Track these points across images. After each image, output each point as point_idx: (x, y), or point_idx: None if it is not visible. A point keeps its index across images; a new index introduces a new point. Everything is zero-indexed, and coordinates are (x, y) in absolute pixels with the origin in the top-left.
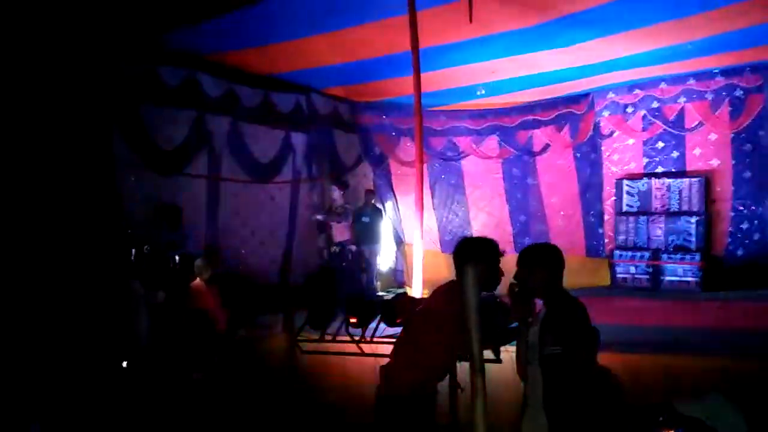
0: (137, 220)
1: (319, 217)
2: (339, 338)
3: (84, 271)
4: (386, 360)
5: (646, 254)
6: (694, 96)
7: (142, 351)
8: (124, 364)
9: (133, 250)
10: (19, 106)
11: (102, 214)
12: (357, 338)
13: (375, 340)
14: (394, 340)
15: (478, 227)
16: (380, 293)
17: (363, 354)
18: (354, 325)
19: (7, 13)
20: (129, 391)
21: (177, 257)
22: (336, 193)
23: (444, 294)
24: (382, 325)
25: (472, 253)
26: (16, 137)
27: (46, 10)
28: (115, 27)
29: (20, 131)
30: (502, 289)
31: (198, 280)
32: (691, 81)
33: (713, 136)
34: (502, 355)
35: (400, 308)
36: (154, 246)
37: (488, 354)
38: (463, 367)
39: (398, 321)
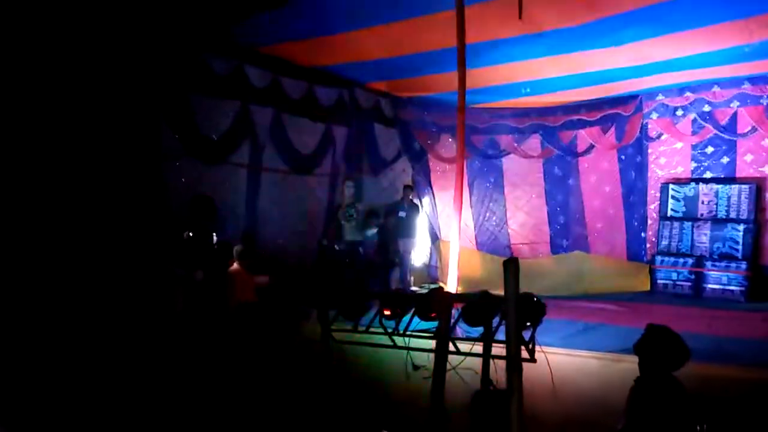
0: (180, 207)
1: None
2: (372, 330)
3: (127, 255)
4: (418, 352)
5: (690, 261)
6: (749, 100)
7: (175, 328)
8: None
9: (174, 235)
10: (70, 93)
11: (147, 201)
12: (390, 331)
13: (408, 333)
14: (426, 334)
15: (515, 227)
16: (413, 288)
17: (395, 346)
18: (388, 317)
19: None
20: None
21: (215, 240)
22: (349, 190)
23: None
24: (416, 319)
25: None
26: (66, 124)
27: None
28: (168, 17)
29: (71, 118)
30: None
31: (236, 265)
32: (746, 85)
33: (767, 142)
34: (537, 355)
35: (436, 303)
36: (196, 232)
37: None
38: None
39: (432, 315)
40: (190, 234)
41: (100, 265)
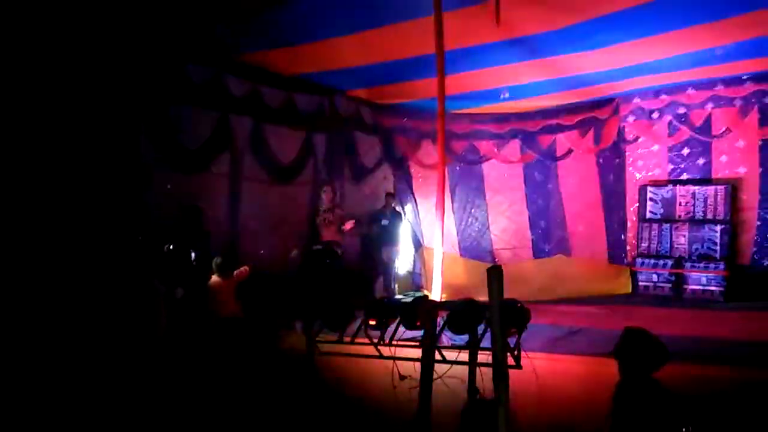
0: (159, 219)
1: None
2: (357, 340)
3: (105, 269)
4: (404, 363)
5: (669, 262)
6: (722, 102)
7: (159, 346)
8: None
9: (155, 249)
10: (47, 104)
11: (125, 213)
12: (375, 341)
13: (394, 342)
14: (413, 343)
15: (497, 232)
16: (398, 296)
17: (381, 356)
18: (373, 327)
19: (37, 14)
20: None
21: (194, 255)
22: (325, 195)
23: None
24: (401, 328)
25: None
26: (44, 136)
27: (78, 10)
28: (145, 26)
29: (48, 130)
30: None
31: (215, 277)
32: (720, 87)
33: (741, 143)
34: (523, 362)
35: (421, 311)
36: (176, 245)
37: (509, 360)
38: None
39: (418, 324)
40: (170, 247)
41: (80, 279)
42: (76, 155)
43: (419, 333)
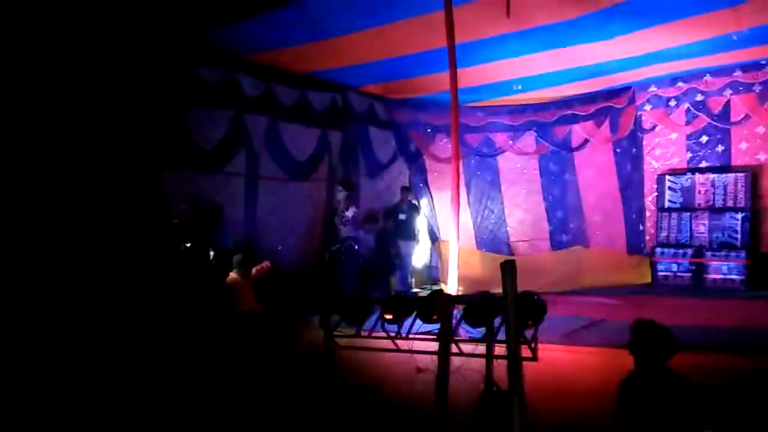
0: (177, 218)
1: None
2: (375, 334)
3: (132, 270)
4: (421, 356)
5: (689, 251)
6: (741, 88)
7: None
8: None
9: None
10: (64, 107)
11: (145, 213)
12: (392, 334)
13: (410, 336)
14: (429, 336)
15: (513, 224)
16: (415, 290)
17: (398, 350)
18: (389, 321)
19: (53, 19)
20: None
21: (212, 253)
22: (340, 195)
23: None
24: (418, 322)
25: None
26: (63, 139)
27: (92, 13)
28: (157, 28)
29: (67, 133)
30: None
31: (234, 275)
32: (738, 72)
33: (761, 130)
34: (540, 353)
35: (437, 305)
36: (195, 243)
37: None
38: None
39: (434, 318)
40: (188, 245)
41: (105, 280)
42: (95, 157)
43: (436, 326)
